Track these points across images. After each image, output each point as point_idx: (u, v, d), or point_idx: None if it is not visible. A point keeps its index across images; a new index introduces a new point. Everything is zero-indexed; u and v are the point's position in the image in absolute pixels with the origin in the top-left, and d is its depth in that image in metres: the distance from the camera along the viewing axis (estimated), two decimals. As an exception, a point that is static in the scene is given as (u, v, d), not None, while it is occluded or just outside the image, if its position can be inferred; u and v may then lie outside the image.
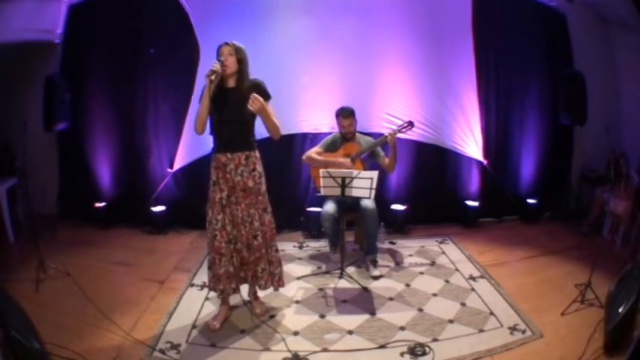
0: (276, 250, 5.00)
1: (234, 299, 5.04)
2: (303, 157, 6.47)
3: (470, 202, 7.83)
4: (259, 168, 4.74)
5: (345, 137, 6.36)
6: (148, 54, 7.41)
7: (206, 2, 7.23)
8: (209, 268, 4.77)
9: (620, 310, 4.16)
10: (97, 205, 7.77)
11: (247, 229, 4.70)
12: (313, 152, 6.40)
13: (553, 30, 7.68)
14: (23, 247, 6.66)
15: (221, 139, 4.60)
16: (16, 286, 5.34)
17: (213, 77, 4.32)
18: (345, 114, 6.30)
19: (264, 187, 4.79)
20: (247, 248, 4.74)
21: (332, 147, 6.39)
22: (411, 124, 6.11)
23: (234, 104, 4.45)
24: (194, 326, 4.81)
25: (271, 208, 4.93)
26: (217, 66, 4.35)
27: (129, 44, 7.48)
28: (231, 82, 4.55)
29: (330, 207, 6.09)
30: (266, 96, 4.56)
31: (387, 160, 6.21)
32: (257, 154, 4.74)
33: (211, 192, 4.65)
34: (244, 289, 4.99)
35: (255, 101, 4.30)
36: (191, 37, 7.15)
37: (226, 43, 4.52)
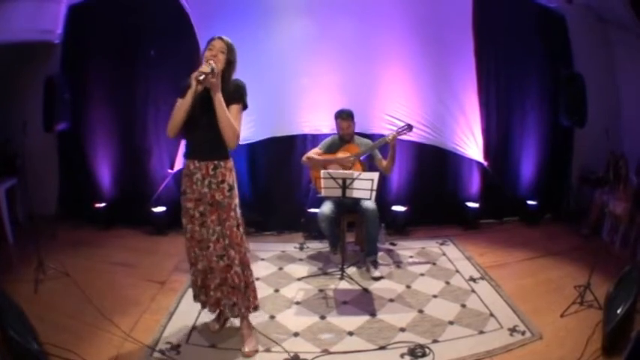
0: (250, 273, 4.48)
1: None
2: (303, 158, 6.45)
3: (470, 204, 7.85)
4: (229, 180, 4.24)
5: (344, 139, 6.39)
6: (149, 55, 7.40)
7: (207, 3, 7.23)
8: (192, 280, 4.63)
9: (618, 311, 4.19)
10: (98, 205, 7.79)
11: (211, 248, 4.28)
12: (313, 153, 6.41)
13: (553, 31, 7.69)
14: (22, 248, 6.66)
15: (191, 145, 4.27)
16: (14, 286, 5.34)
17: (201, 79, 3.85)
18: (343, 116, 6.32)
19: (235, 201, 4.30)
20: (210, 271, 4.38)
21: (331, 149, 6.40)
22: (409, 127, 6.11)
23: (209, 109, 3.99)
24: (194, 327, 4.81)
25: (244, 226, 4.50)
26: (207, 69, 3.88)
27: (129, 45, 7.49)
28: (210, 83, 3.97)
29: (326, 208, 6.11)
30: (242, 101, 4.18)
31: (384, 162, 6.20)
32: (229, 164, 4.26)
33: (182, 200, 4.33)
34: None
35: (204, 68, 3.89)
36: (192, 37, 7.13)
37: (220, 38, 4.14)
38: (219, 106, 3.96)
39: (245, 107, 4.23)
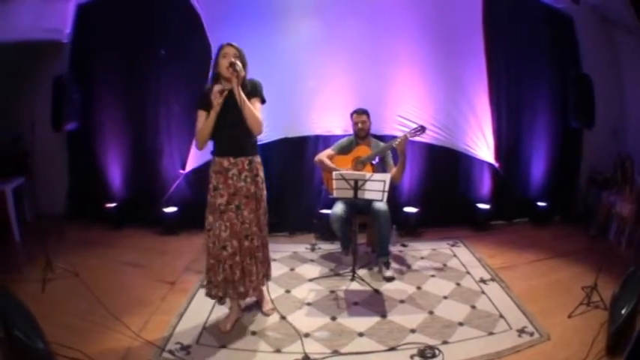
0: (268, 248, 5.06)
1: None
2: (315, 158, 6.50)
3: (481, 205, 7.85)
4: (262, 174, 4.72)
5: (359, 136, 6.42)
6: (159, 54, 7.40)
7: (217, 3, 7.24)
8: (206, 273, 4.75)
9: (622, 311, 4.22)
10: (108, 205, 7.79)
11: (249, 237, 4.63)
12: (324, 155, 6.41)
13: (561, 32, 7.69)
14: (30, 247, 6.70)
15: (223, 143, 4.56)
16: (21, 285, 5.35)
17: (239, 68, 4.25)
18: (359, 111, 6.43)
19: (265, 192, 4.79)
20: (251, 257, 4.67)
21: (346, 150, 6.42)
22: (422, 128, 6.07)
23: (236, 107, 4.33)
24: (204, 327, 4.82)
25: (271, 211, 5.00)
26: (238, 67, 4.26)
27: (139, 44, 7.49)
28: (231, 84, 4.33)
29: (338, 208, 6.10)
30: (260, 96, 4.59)
31: (393, 170, 6.18)
32: (259, 159, 4.71)
33: (211, 197, 4.59)
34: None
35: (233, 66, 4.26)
36: (202, 36, 7.15)
37: (230, 45, 4.46)
38: (241, 99, 4.29)
39: (263, 101, 4.63)
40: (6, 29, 6.31)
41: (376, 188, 5.39)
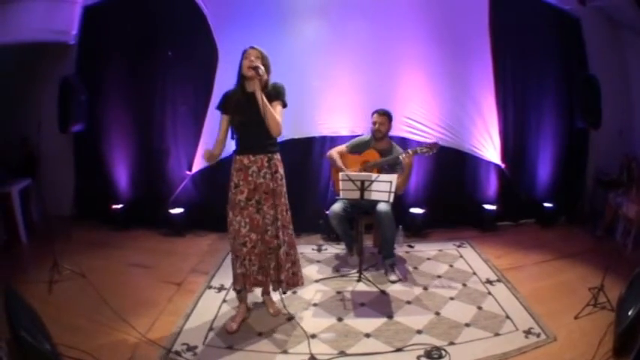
0: (295, 252, 5.06)
1: (252, 298, 5.14)
2: (327, 153, 6.54)
3: (487, 206, 7.83)
4: (281, 170, 4.77)
5: (375, 137, 6.34)
6: (166, 56, 7.41)
7: (224, 4, 7.25)
8: (233, 267, 4.82)
9: (629, 313, 4.19)
10: (115, 206, 7.78)
11: (269, 231, 4.71)
12: (336, 152, 6.42)
13: (568, 33, 7.66)
14: (37, 248, 6.73)
15: (243, 142, 4.66)
16: (28, 287, 5.36)
17: (261, 72, 4.38)
18: (380, 111, 6.33)
19: (285, 189, 4.85)
20: (271, 250, 4.76)
21: (359, 149, 6.39)
22: (435, 145, 5.98)
23: (257, 108, 4.40)
24: (211, 328, 4.83)
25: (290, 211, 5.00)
26: (261, 71, 4.40)
27: (146, 45, 7.49)
28: (254, 86, 4.44)
29: (337, 206, 6.13)
30: (281, 100, 4.65)
31: (398, 180, 6.13)
32: (279, 156, 4.78)
33: (232, 194, 4.67)
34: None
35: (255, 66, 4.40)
36: (209, 38, 7.18)
37: (253, 48, 4.59)
38: (261, 101, 4.40)
39: (285, 105, 4.70)
40: (13, 31, 6.32)
41: (382, 189, 5.38)
